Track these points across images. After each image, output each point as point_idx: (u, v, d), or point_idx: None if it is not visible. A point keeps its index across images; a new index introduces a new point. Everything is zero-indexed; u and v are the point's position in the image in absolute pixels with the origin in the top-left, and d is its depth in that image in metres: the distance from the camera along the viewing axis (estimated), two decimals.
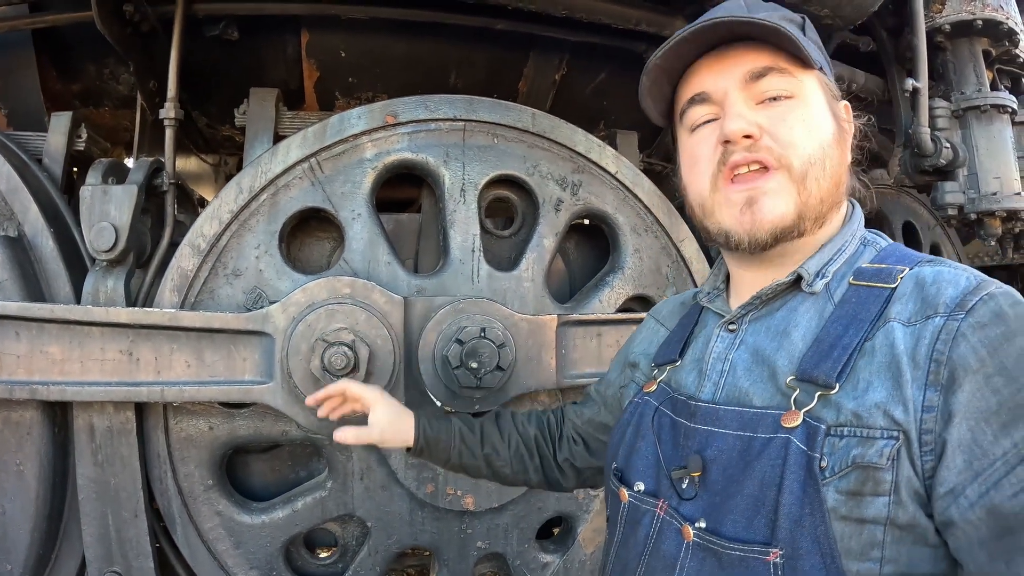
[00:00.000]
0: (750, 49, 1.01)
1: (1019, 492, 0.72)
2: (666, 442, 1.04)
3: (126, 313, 2.05)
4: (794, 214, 0.97)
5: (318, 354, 1.98)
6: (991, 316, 0.79)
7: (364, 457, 2.24)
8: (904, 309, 0.86)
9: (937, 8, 2.61)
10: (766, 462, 0.86)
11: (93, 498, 2.13)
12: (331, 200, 2.24)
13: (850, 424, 0.83)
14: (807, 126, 0.98)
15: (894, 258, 0.97)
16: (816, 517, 0.80)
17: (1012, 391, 0.75)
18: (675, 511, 0.96)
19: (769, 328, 1.00)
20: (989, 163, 2.58)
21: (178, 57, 2.26)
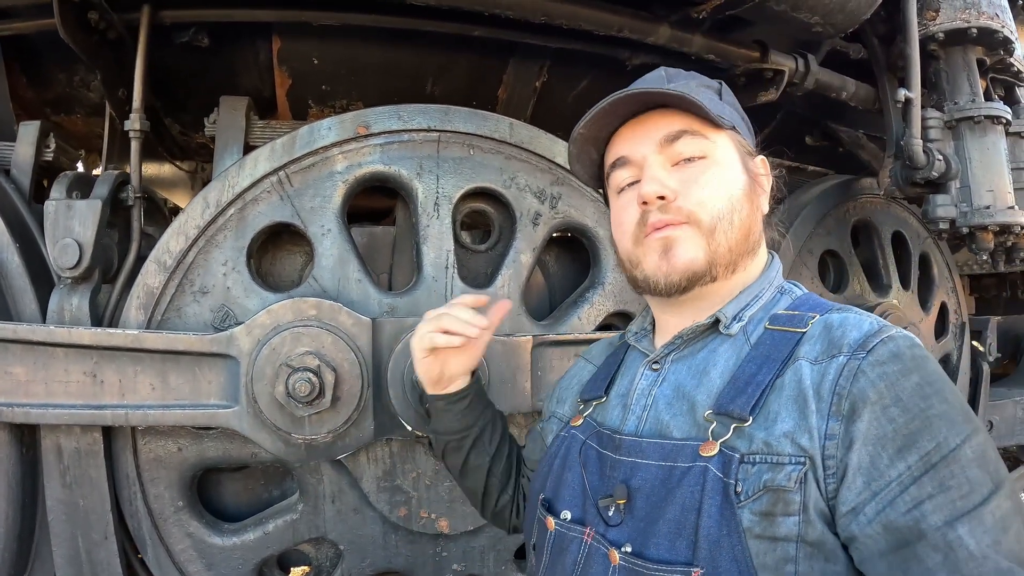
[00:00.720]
0: (666, 115, 1.12)
1: (911, 509, 0.80)
2: (592, 473, 1.11)
3: (89, 334, 2.00)
4: (704, 260, 1.07)
5: (282, 380, 1.92)
6: (889, 355, 0.89)
7: (335, 480, 2.19)
8: (812, 349, 0.96)
9: (931, 16, 2.52)
10: (686, 489, 0.93)
11: (63, 520, 2.09)
12: (300, 215, 2.17)
13: (761, 452, 0.90)
14: (717, 184, 1.09)
15: (807, 306, 1.07)
16: (733, 537, 0.87)
17: (906, 420, 0.84)
18: (602, 537, 1.02)
19: (691, 367, 1.09)
20: (982, 176, 2.50)
21: (143, 67, 2.20)
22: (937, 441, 0.82)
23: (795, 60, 2.50)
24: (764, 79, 2.52)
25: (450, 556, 2.26)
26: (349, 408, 2.00)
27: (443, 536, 2.24)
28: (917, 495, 0.81)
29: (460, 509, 2.22)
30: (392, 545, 2.22)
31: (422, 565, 2.24)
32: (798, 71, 2.51)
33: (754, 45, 2.48)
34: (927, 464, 0.82)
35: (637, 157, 1.13)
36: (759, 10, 2.15)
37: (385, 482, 2.19)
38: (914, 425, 0.84)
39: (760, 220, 1.16)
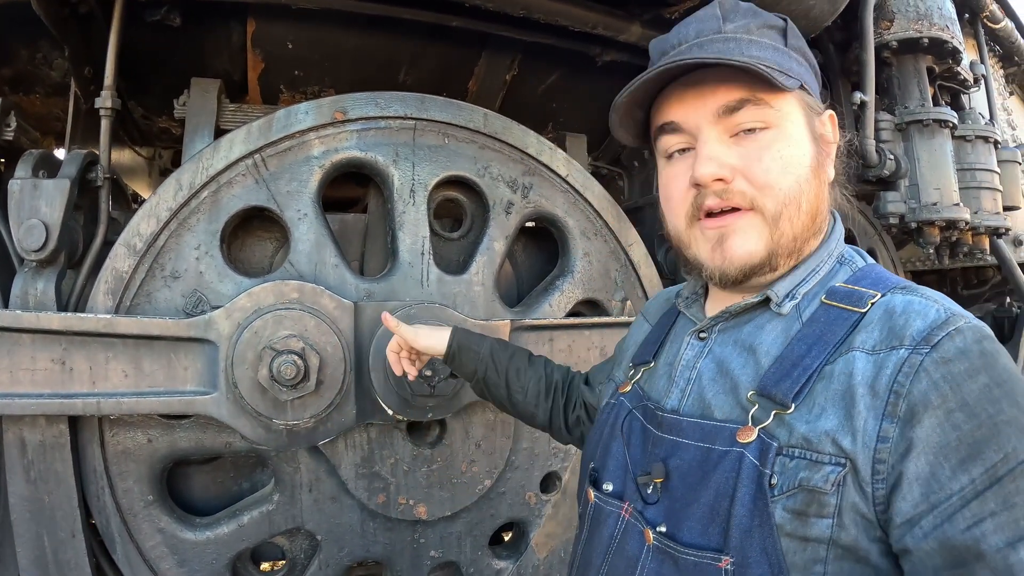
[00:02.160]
0: (723, 79, 0.97)
1: (972, 526, 0.74)
2: (635, 447, 1.08)
3: (58, 319, 1.92)
4: (764, 253, 0.98)
5: (266, 363, 1.90)
6: (956, 352, 0.80)
7: (313, 468, 2.17)
8: (869, 337, 0.87)
9: (885, 25, 2.67)
10: (722, 474, 0.89)
11: (27, 518, 1.99)
12: (276, 199, 2.15)
13: (800, 447, 0.85)
14: (783, 163, 0.96)
15: (868, 280, 0.96)
16: (765, 530, 0.84)
17: (972, 427, 0.76)
18: (640, 514, 0.99)
19: (737, 341, 1.02)
20: (930, 175, 2.67)
21: (117, 43, 2.12)
22: (1005, 452, 0.75)
23: None
24: None
25: (427, 543, 2.27)
26: (332, 392, 1.99)
27: (421, 522, 2.24)
28: (979, 511, 0.74)
29: (437, 494, 2.24)
30: (370, 533, 2.21)
31: (400, 552, 2.24)
32: None
33: None
34: (992, 478, 0.75)
35: (690, 125, 1.00)
36: None
37: (363, 469, 2.18)
38: (980, 433, 0.76)
39: (827, 194, 1.03)
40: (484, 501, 2.33)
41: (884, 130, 2.66)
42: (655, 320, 1.30)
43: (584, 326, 2.39)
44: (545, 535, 2.41)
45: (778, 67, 0.96)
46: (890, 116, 2.70)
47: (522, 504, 2.39)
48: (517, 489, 2.39)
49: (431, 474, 2.24)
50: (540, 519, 2.42)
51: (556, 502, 2.45)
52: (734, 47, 0.98)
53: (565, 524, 2.46)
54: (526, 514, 2.41)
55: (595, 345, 2.40)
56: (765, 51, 0.98)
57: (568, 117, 3.05)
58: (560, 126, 3.05)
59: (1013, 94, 4.37)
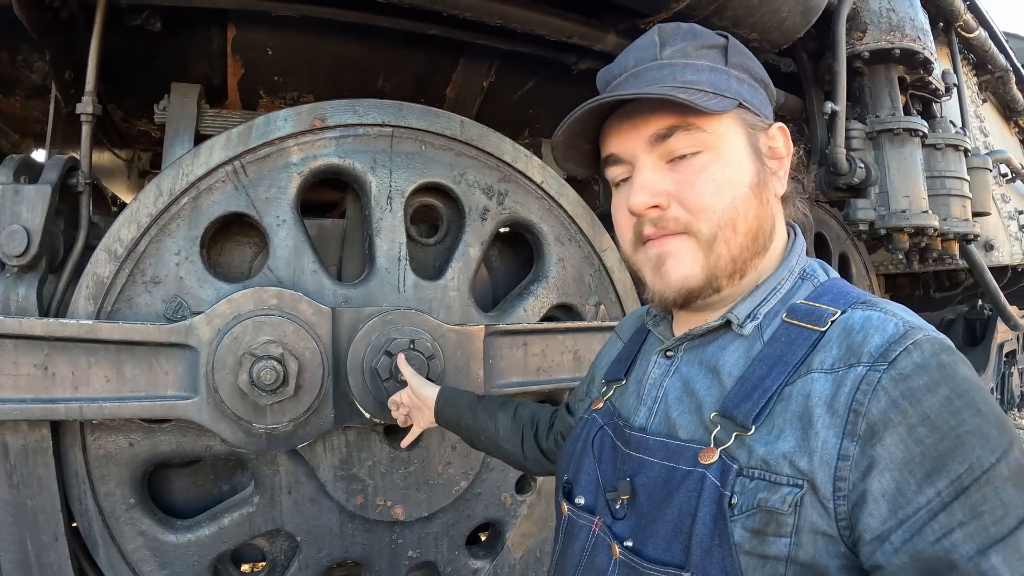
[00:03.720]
0: (654, 107, 0.98)
1: (942, 538, 0.75)
2: (606, 462, 1.09)
3: (40, 324, 1.93)
4: (702, 276, 0.99)
5: (246, 368, 1.93)
6: (913, 367, 0.80)
7: (292, 471, 2.20)
8: (828, 357, 0.88)
9: (858, 36, 2.72)
10: (684, 493, 0.91)
11: (10, 522, 2.00)
12: (255, 205, 2.17)
13: (759, 468, 0.87)
14: (716, 185, 0.97)
15: (829, 296, 0.97)
16: (724, 548, 0.85)
17: (935, 440, 0.77)
18: (608, 529, 1.01)
19: (702, 362, 1.03)
20: (899, 182, 2.73)
21: (99, 48, 2.13)
22: (969, 462, 0.76)
23: None
24: None
25: (405, 543, 2.31)
26: (311, 396, 2.02)
27: (399, 523, 2.29)
28: (948, 523, 0.75)
29: (415, 496, 2.28)
30: (349, 534, 2.25)
31: (378, 553, 2.28)
32: None
33: None
34: (958, 488, 0.75)
35: (628, 155, 1.02)
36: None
37: (342, 471, 2.22)
38: (944, 446, 0.76)
39: (772, 212, 1.03)
40: (460, 502, 2.37)
41: (855, 138, 2.72)
42: (627, 338, 1.32)
43: (558, 331, 2.43)
44: (521, 535, 2.46)
45: (712, 89, 0.97)
46: (861, 125, 2.76)
47: (497, 505, 2.44)
48: (492, 490, 2.44)
49: (408, 476, 2.28)
50: (516, 519, 2.46)
51: (531, 502, 2.50)
52: (668, 73, 1.00)
53: (540, 524, 2.51)
54: (502, 514, 2.46)
55: (568, 349, 2.44)
56: (701, 73, 0.99)
57: (544, 124, 3.09)
58: (536, 132, 3.09)
59: (987, 101, 4.44)
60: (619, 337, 1.38)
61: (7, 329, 1.92)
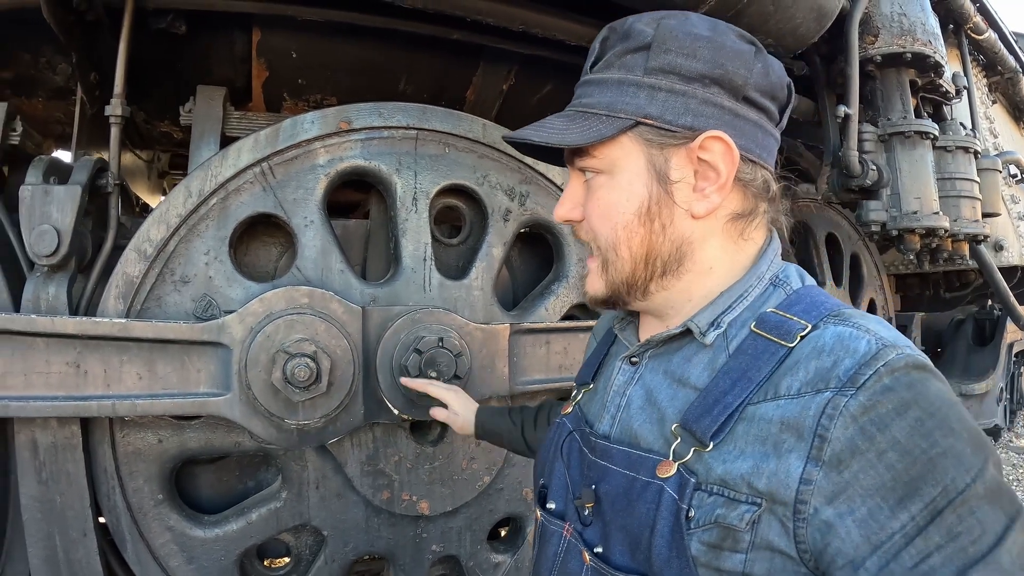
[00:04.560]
0: None
1: (919, 563, 0.73)
2: (574, 468, 1.10)
3: (73, 323, 1.97)
4: (605, 291, 1.02)
5: (279, 366, 1.97)
6: (882, 391, 0.78)
7: (320, 466, 2.25)
8: (795, 381, 0.84)
9: (870, 40, 2.77)
10: (644, 504, 0.91)
11: (39, 518, 2.03)
12: (283, 206, 2.21)
13: (717, 485, 0.86)
14: (602, 210, 0.99)
15: (801, 307, 0.92)
16: (682, 561, 0.86)
17: (906, 465, 0.75)
18: (579, 535, 1.02)
19: (667, 371, 1.01)
20: (911, 184, 2.78)
21: (127, 51, 2.17)
22: (943, 485, 0.74)
23: None
24: None
25: (429, 537, 2.35)
26: (341, 393, 2.07)
27: (423, 518, 2.33)
28: (924, 548, 0.73)
29: (439, 490, 2.32)
30: (374, 528, 2.29)
31: (402, 547, 2.32)
32: None
33: None
34: (933, 512, 0.74)
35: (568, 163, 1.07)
36: None
37: (369, 466, 2.26)
38: (916, 470, 0.75)
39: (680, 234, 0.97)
40: (483, 497, 2.42)
41: (867, 141, 2.76)
42: (600, 336, 1.32)
43: (579, 329, 2.48)
44: None
45: (607, 111, 0.95)
46: (873, 128, 2.81)
47: (519, 500, 2.49)
48: (515, 485, 2.48)
49: (433, 471, 2.32)
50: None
51: None
52: (579, 93, 1.02)
53: None
54: (523, 509, 2.50)
55: None
56: (603, 94, 0.97)
57: None
58: None
59: (996, 102, 4.49)
60: (595, 337, 1.38)
61: (39, 327, 1.95)
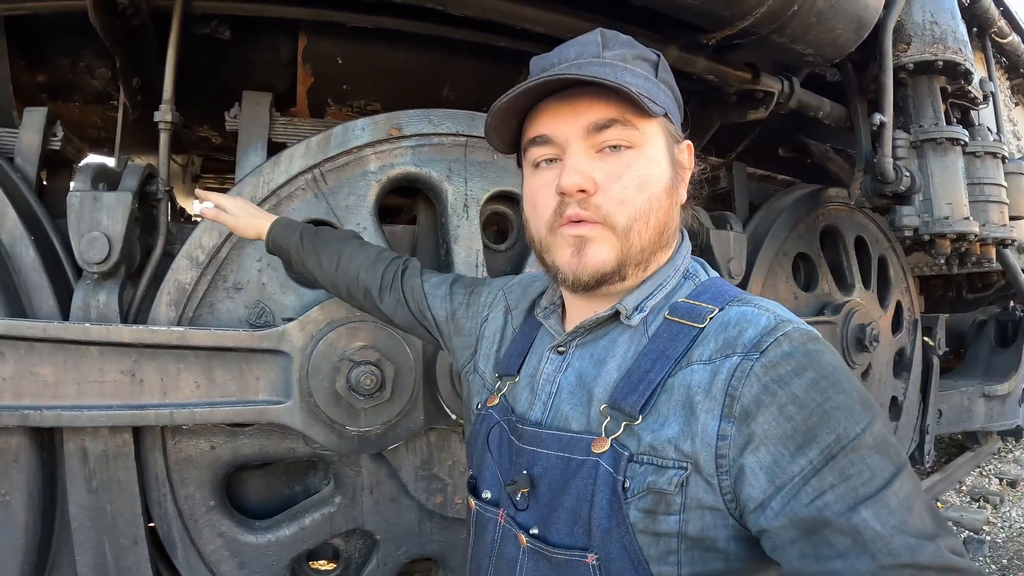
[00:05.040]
0: (596, 98, 1.02)
1: (815, 499, 0.82)
2: (503, 456, 1.14)
3: (129, 332, 1.96)
4: (615, 262, 1.03)
5: (343, 373, 1.98)
6: (782, 355, 0.89)
7: (374, 471, 2.25)
8: (706, 350, 0.95)
9: (903, 48, 2.83)
10: (580, 481, 0.97)
11: (88, 526, 2.02)
12: (335, 213, 2.21)
13: (648, 454, 0.93)
14: (639, 182, 1.03)
15: (708, 295, 1.05)
16: (622, 528, 0.92)
17: (804, 416, 0.85)
18: (512, 520, 1.06)
19: (592, 355, 1.09)
20: (942, 190, 2.85)
21: (175, 56, 2.16)
22: (837, 433, 0.84)
23: (782, 82, 2.75)
24: (755, 98, 2.76)
25: None
26: (403, 400, 2.08)
27: None
28: (819, 486, 0.82)
29: None
30: (427, 532, 2.30)
31: (453, 550, 2.34)
32: (784, 92, 2.76)
33: (745, 67, 2.70)
34: (828, 456, 0.83)
35: (560, 138, 1.05)
36: (763, 41, 2.37)
37: (423, 471, 2.27)
38: (812, 420, 0.85)
39: (677, 213, 1.11)
40: None
41: (900, 147, 2.83)
42: (517, 319, 1.34)
43: None
44: None
45: (648, 95, 1.01)
46: (906, 135, 2.88)
47: None
48: None
49: None
50: None
51: None
52: (610, 71, 1.02)
53: None
54: None
55: None
56: (638, 79, 1.04)
57: None
58: None
59: (1018, 104, 4.59)
60: (508, 303, 1.39)
61: (94, 336, 1.94)
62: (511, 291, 1.40)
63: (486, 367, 1.34)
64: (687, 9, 2.19)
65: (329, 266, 1.68)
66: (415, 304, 1.54)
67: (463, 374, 1.43)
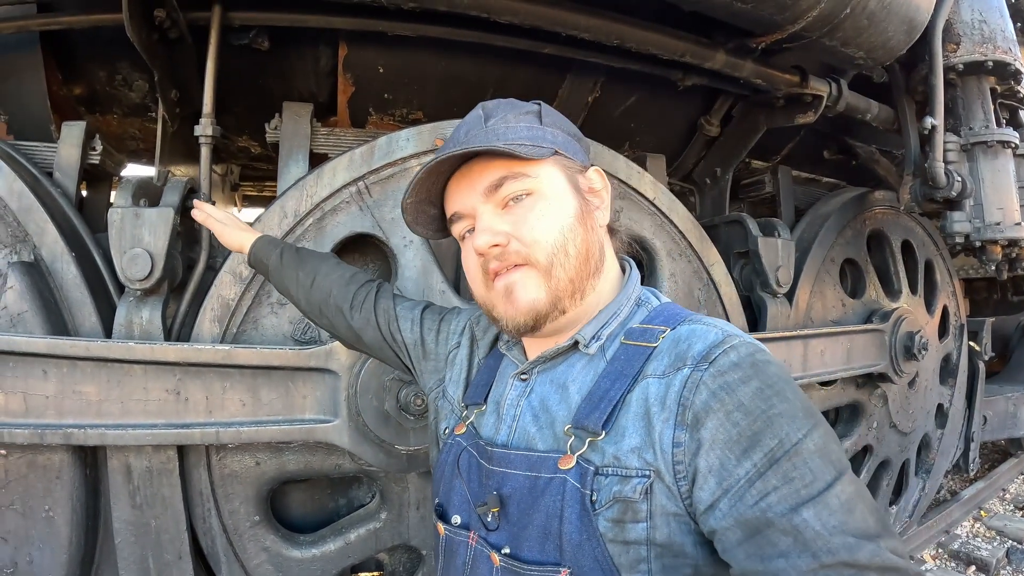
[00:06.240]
0: (487, 163, 1.12)
1: (759, 501, 0.87)
2: (472, 480, 1.17)
3: (174, 351, 1.93)
4: (547, 298, 1.09)
5: (392, 393, 1.95)
6: (730, 365, 0.94)
7: (420, 487, 2.22)
8: (660, 365, 1.01)
9: (952, 48, 2.76)
10: (549, 498, 1.01)
11: (132, 541, 2.01)
12: (381, 226, 2.17)
13: (612, 465, 0.98)
14: (545, 219, 1.10)
15: (661, 318, 1.11)
16: (593, 541, 0.96)
17: (749, 422, 0.90)
18: (484, 540, 1.09)
19: (553, 380, 1.15)
20: (993, 195, 2.78)
21: (215, 69, 2.14)
22: (779, 438, 0.88)
23: (830, 85, 2.69)
24: (803, 102, 2.69)
25: None
26: None
27: None
28: (763, 488, 0.87)
29: None
30: None
31: None
32: (832, 95, 2.70)
33: (793, 70, 2.64)
34: (771, 460, 0.87)
35: (468, 209, 1.15)
36: (813, 45, 2.31)
37: None
38: (757, 426, 0.89)
39: (599, 237, 1.18)
40: None
41: (950, 151, 2.76)
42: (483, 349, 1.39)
43: None
44: None
45: (531, 142, 1.11)
46: (956, 137, 2.80)
47: None
48: None
49: None
50: None
51: None
52: (492, 136, 1.12)
53: None
54: None
55: None
56: (520, 132, 1.13)
57: (644, 137, 3.12)
58: (636, 145, 3.11)
59: None
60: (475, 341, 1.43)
61: (138, 355, 1.92)
62: (478, 322, 1.45)
63: (455, 394, 1.38)
64: (738, 14, 2.13)
65: (304, 282, 1.69)
66: (385, 325, 1.57)
67: (430, 398, 1.47)
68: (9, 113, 2.37)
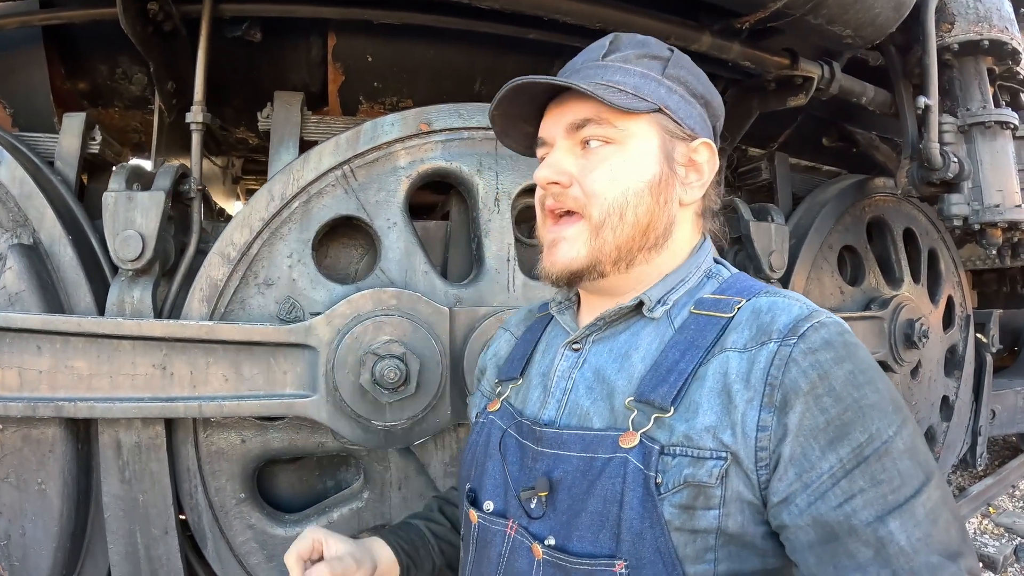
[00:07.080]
0: (578, 100, 1.06)
1: (843, 503, 0.80)
2: (513, 463, 1.08)
3: (160, 326, 1.98)
4: (586, 259, 1.04)
5: (368, 367, 1.96)
6: (821, 342, 0.87)
7: (402, 467, 2.23)
8: (740, 337, 0.93)
9: (946, 28, 2.72)
10: (607, 480, 0.91)
11: (120, 516, 2.06)
12: (365, 208, 2.21)
13: (682, 445, 0.89)
14: (613, 175, 1.03)
15: (734, 289, 1.04)
16: (656, 529, 0.87)
17: (839, 411, 0.83)
18: (525, 530, 1.00)
19: (612, 350, 1.06)
20: (992, 176, 2.72)
21: (205, 59, 2.20)
22: (870, 433, 0.82)
23: (822, 67, 2.67)
24: (794, 84, 2.68)
25: None
26: (429, 394, 2.05)
27: None
28: (848, 489, 0.80)
29: None
30: None
31: None
32: (824, 77, 2.67)
33: (784, 53, 2.63)
34: (859, 457, 0.81)
35: (550, 138, 1.10)
36: (798, 23, 2.29)
37: (452, 467, 2.23)
38: (847, 416, 0.83)
39: (671, 213, 1.07)
40: None
41: (947, 132, 2.71)
42: (519, 331, 1.35)
43: None
44: None
45: (634, 92, 1.03)
46: (952, 118, 2.76)
47: None
48: None
49: None
50: None
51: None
52: (600, 73, 1.06)
53: None
54: None
55: None
56: (629, 77, 1.05)
57: None
58: None
59: None
60: (507, 330, 1.40)
61: (126, 331, 1.97)
62: (508, 321, 1.43)
63: (489, 380, 1.34)
64: None
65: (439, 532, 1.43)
66: None
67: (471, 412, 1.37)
68: (14, 107, 2.47)
